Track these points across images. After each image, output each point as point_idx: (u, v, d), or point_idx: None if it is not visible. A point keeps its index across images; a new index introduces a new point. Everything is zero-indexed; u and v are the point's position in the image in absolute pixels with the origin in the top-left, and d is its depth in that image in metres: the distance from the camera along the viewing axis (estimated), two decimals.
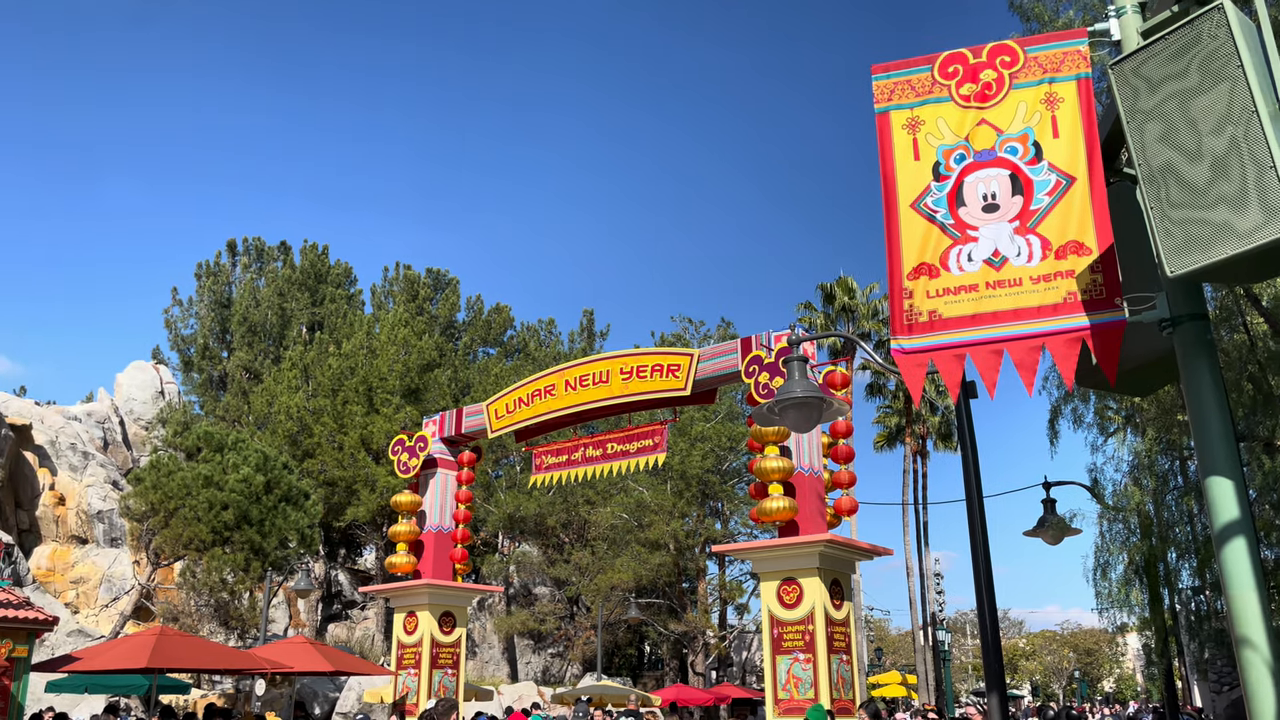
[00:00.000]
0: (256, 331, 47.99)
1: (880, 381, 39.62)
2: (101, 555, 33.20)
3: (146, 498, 26.83)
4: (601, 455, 15.31)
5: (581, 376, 15.31)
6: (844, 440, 13.24)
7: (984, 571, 7.50)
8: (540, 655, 42.75)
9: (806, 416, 6.03)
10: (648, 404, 15.13)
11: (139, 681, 18.21)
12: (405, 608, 16.38)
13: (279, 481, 28.14)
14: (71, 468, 35.92)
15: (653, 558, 34.67)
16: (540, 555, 41.17)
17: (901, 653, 71.25)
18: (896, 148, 5.04)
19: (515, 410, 16.03)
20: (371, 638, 38.46)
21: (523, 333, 54.66)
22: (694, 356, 14.25)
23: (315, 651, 16.80)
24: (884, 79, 5.13)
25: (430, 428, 17.12)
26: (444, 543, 16.60)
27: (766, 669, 12.70)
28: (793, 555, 12.55)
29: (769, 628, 12.70)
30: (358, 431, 36.80)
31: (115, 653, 14.94)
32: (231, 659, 15.86)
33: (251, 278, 51.59)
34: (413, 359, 39.45)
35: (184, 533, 26.22)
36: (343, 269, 53.87)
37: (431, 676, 15.76)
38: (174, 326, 50.20)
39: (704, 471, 35.13)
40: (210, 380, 47.98)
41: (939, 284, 4.83)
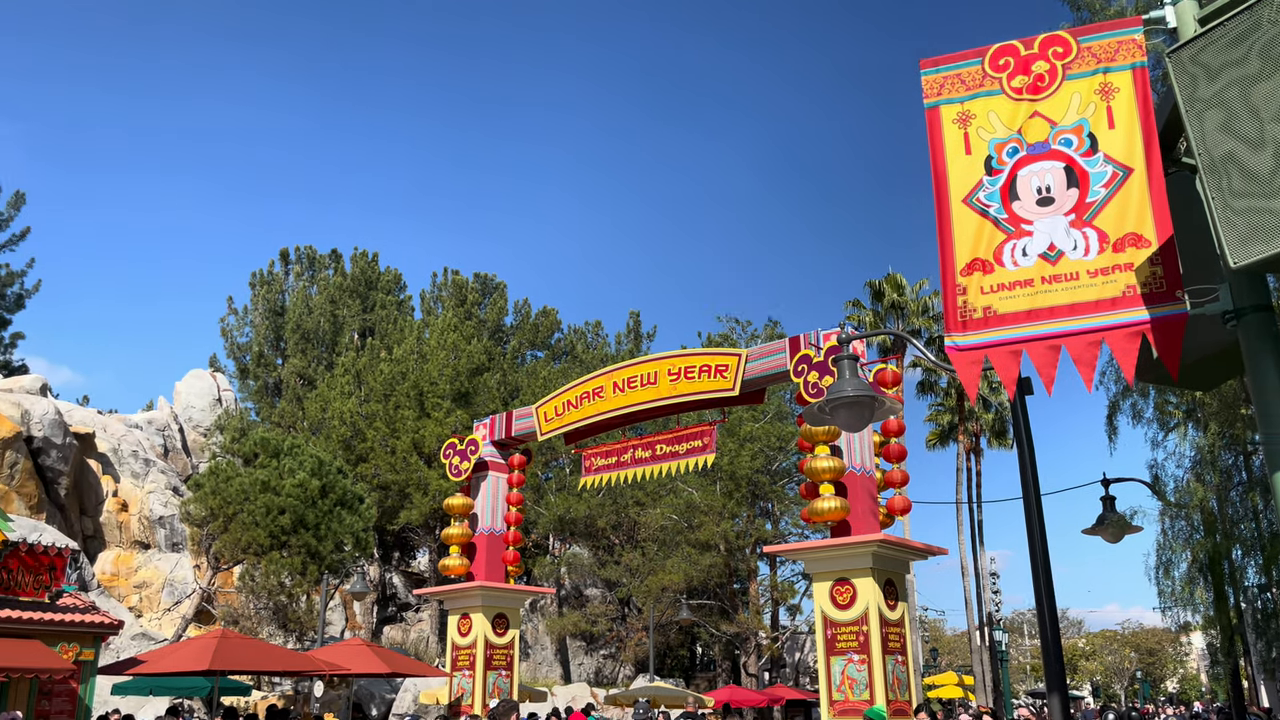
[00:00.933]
0: (309, 338, 48.77)
1: (932, 379, 39.13)
2: (163, 560, 33.95)
3: (206, 503, 27.39)
4: (651, 457, 15.32)
5: (630, 378, 15.34)
6: (896, 439, 13.11)
7: (1043, 571, 7.37)
8: (592, 657, 42.87)
9: (858, 415, 5.98)
10: (696, 405, 15.11)
11: (201, 683, 18.58)
12: (459, 610, 16.53)
13: (334, 486, 28.56)
14: (133, 475, 36.79)
15: (703, 559, 34.60)
16: (591, 557, 41.29)
17: (957, 653, 70.32)
18: (947, 142, 4.98)
19: (564, 413, 16.11)
20: (426, 639, 38.86)
21: (570, 335, 54.88)
22: (742, 357, 14.20)
23: (372, 653, 17.02)
24: (933, 74, 5.07)
25: (481, 431, 17.27)
26: (496, 545, 16.72)
27: (820, 670, 12.62)
28: (845, 555, 12.45)
29: (822, 629, 12.61)
30: (409, 435, 37.21)
31: (178, 655, 15.26)
32: (291, 661, 16.12)
33: (304, 286, 52.45)
34: (462, 363, 39.81)
35: (242, 537, 26.72)
36: (392, 275, 54.54)
37: (486, 678, 15.88)
38: (230, 335, 51.25)
39: (753, 472, 34.97)
40: (266, 387, 48.87)
41: (993, 279, 4.76)
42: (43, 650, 13.65)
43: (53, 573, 14.58)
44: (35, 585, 14.33)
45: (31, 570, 14.33)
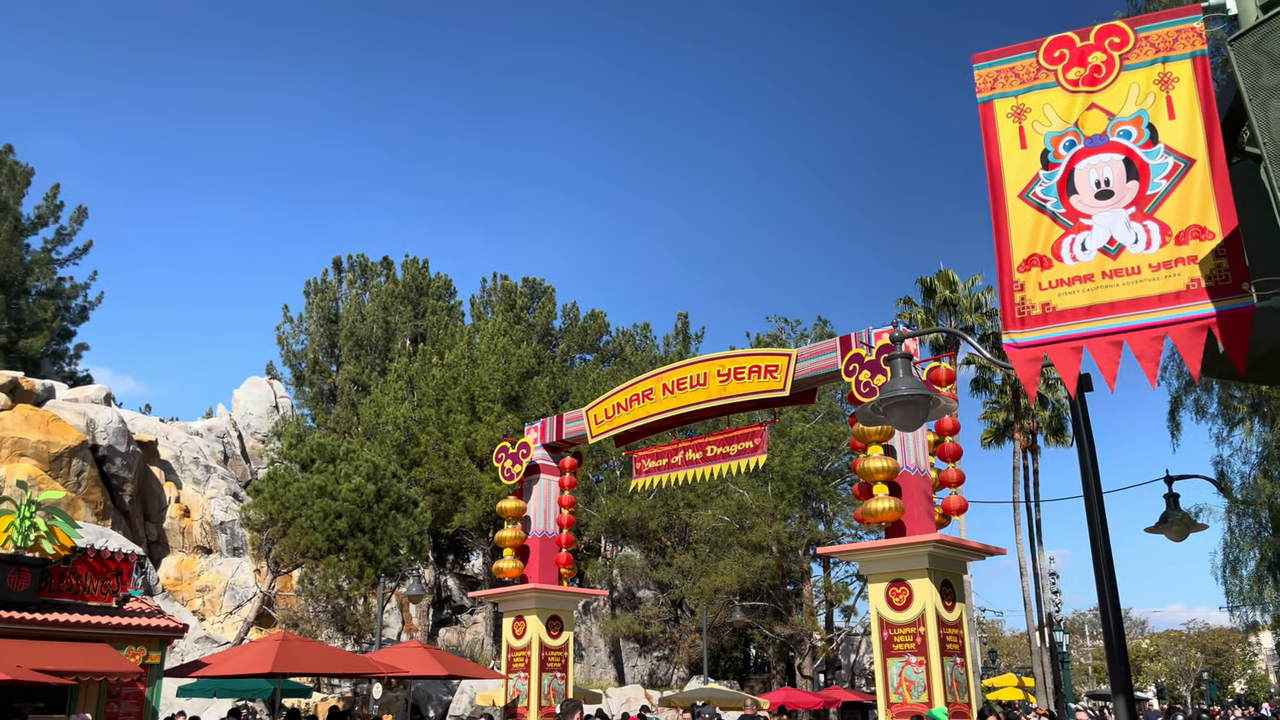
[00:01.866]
0: (363, 345, 49.49)
1: (986, 376, 38.55)
2: (225, 564, 34.65)
3: (265, 508, 27.91)
4: (701, 458, 15.30)
5: (679, 380, 15.33)
6: (950, 438, 12.94)
7: (1106, 570, 7.22)
8: (646, 658, 42.90)
9: (913, 415, 5.92)
10: (746, 405, 15.05)
11: (263, 685, 18.91)
12: (513, 612, 16.64)
13: (389, 490, 28.94)
14: (195, 481, 37.63)
15: (756, 560, 34.46)
16: (643, 559, 41.33)
17: (1017, 655, 69.16)
18: (1002, 137, 4.90)
19: (614, 415, 16.15)
20: (481, 642, 39.19)
21: (618, 338, 55.01)
22: (792, 356, 14.12)
23: (429, 655, 17.21)
24: (986, 68, 5.00)
25: (532, 434, 17.38)
26: (549, 547, 16.81)
27: (877, 672, 12.49)
28: (901, 556, 12.33)
29: (878, 630, 12.49)
30: (462, 439, 37.57)
31: (241, 658, 15.56)
32: (350, 663, 16.36)
33: (357, 293, 53.23)
34: (512, 367, 40.10)
35: (301, 541, 27.19)
36: (442, 281, 55.14)
37: (541, 680, 15.97)
38: (286, 343, 52.21)
39: (805, 472, 34.75)
40: (321, 393, 49.68)
41: (1051, 275, 4.68)
42: (111, 654, 14.01)
43: (119, 578, 14.96)
44: (103, 590, 14.71)
45: (99, 576, 14.72)
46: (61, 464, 31.03)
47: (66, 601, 14.23)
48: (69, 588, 14.32)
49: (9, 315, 44.13)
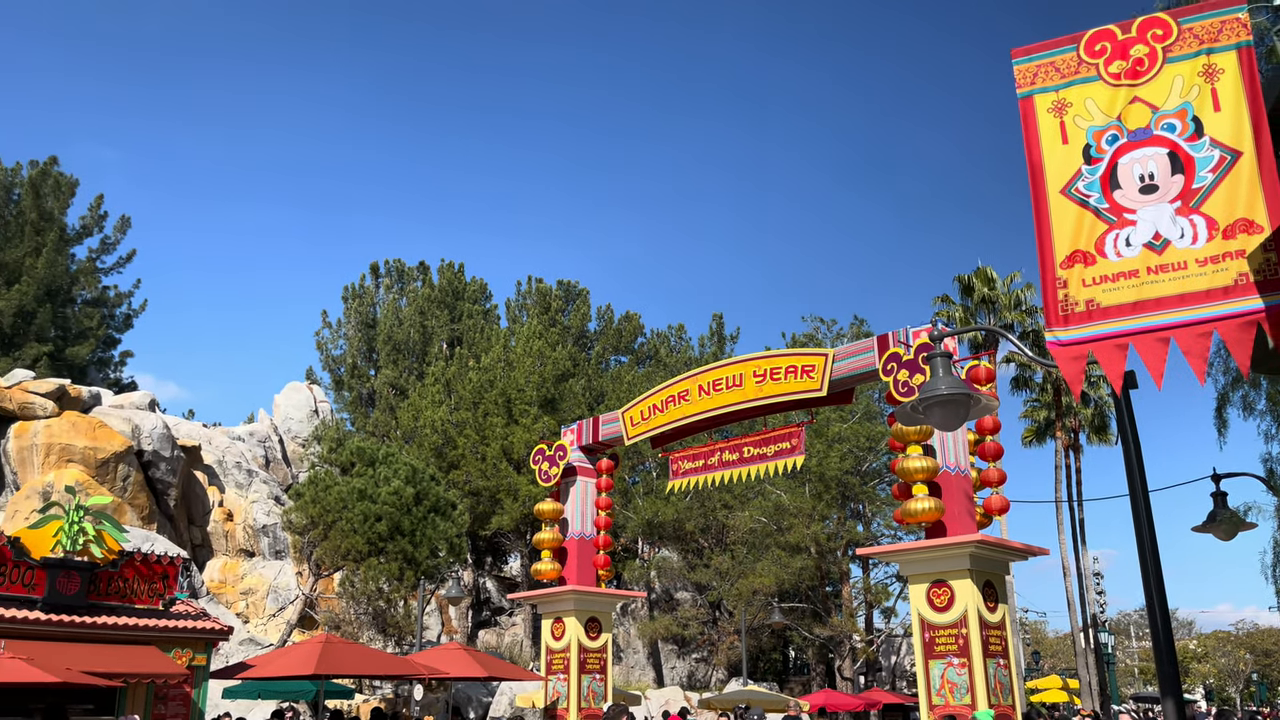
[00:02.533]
0: (400, 349, 49.93)
1: (1026, 374, 38.07)
2: (267, 567, 35.11)
3: (306, 511, 28.26)
4: (738, 459, 15.22)
5: (715, 381, 15.27)
6: (991, 437, 12.77)
7: (1153, 570, 7.10)
8: (685, 660, 42.85)
9: (953, 414, 5.86)
10: (783, 406, 14.96)
11: (307, 687, 19.14)
12: (552, 614, 16.68)
13: (427, 493, 29.17)
14: (237, 485, 38.17)
15: (794, 561, 34.28)
16: (680, 560, 41.29)
17: (1061, 656, 68.24)
18: (1043, 132, 4.84)
19: (650, 417, 16.12)
20: (520, 643, 39.36)
21: (653, 340, 55.03)
22: (828, 356, 14.01)
23: (469, 657, 17.30)
24: (1025, 62, 4.93)
25: (568, 436, 17.41)
26: (587, 549, 16.83)
27: (919, 674, 12.37)
28: (941, 557, 12.19)
29: (920, 632, 12.37)
30: (499, 442, 37.77)
31: (285, 660, 15.75)
32: (392, 665, 16.50)
33: (394, 298, 53.74)
34: (548, 370, 40.26)
35: (342, 544, 27.49)
36: (478, 285, 55.52)
37: (581, 681, 15.99)
38: (325, 348, 52.84)
39: (843, 473, 34.52)
40: (360, 398, 50.19)
41: (1095, 271, 4.61)
42: (158, 656, 14.24)
43: (165, 581, 15.20)
44: (150, 593, 14.96)
45: (146, 579, 14.97)
46: (108, 469, 31.62)
47: (114, 605, 14.48)
48: (117, 591, 14.57)
49: (56, 324, 45.04)
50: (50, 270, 44.60)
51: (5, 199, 45.65)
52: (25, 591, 13.51)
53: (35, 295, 43.76)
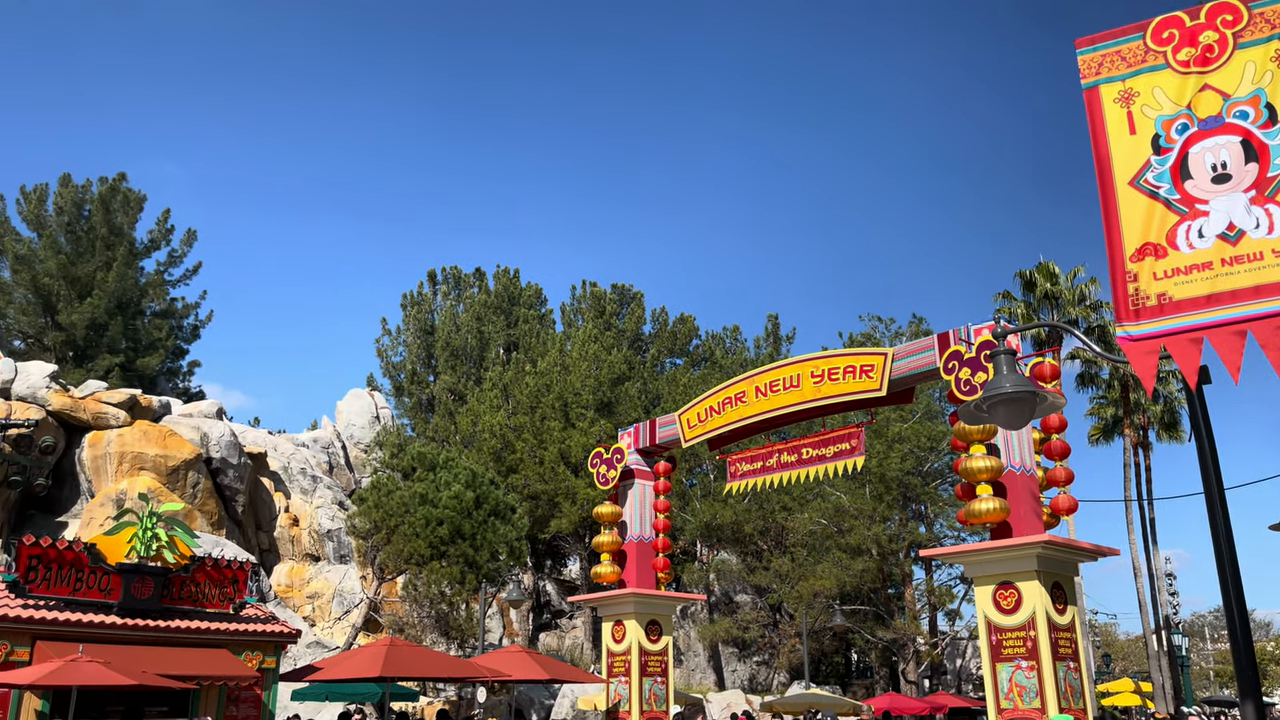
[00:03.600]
0: (458, 355, 50.51)
1: (1092, 371, 37.21)
2: (333, 571, 35.71)
3: (370, 516, 28.70)
4: (797, 461, 15.12)
5: (771, 382, 15.19)
6: (1057, 435, 12.55)
7: (1230, 570, 6.88)
8: (746, 663, 42.64)
9: (1018, 413, 5.77)
10: (841, 407, 14.83)
11: (373, 689, 19.41)
12: (612, 616, 16.73)
13: (487, 497, 29.44)
14: (302, 491, 38.90)
15: (855, 563, 33.92)
16: (739, 563, 41.10)
17: (1132, 659, 66.53)
18: (1109, 123, 4.72)
19: (707, 419, 16.10)
20: (580, 646, 39.51)
21: (708, 341, 54.89)
22: (887, 356, 13.87)
23: (531, 660, 17.41)
24: (1090, 52, 4.82)
25: (625, 440, 17.45)
26: (645, 552, 16.85)
27: (986, 677, 12.16)
28: (1008, 558, 11.99)
29: (986, 634, 12.17)
30: (556, 446, 37.99)
31: (351, 663, 15.99)
32: (456, 667, 16.67)
33: (451, 305, 54.40)
34: (604, 373, 40.39)
35: (404, 548, 27.86)
36: (533, 290, 55.95)
37: (642, 684, 16.01)
38: (385, 355, 53.69)
39: (904, 473, 34.07)
40: (419, 403, 50.88)
41: (1167, 264, 4.49)
42: (230, 658, 14.57)
43: (236, 585, 15.55)
44: (221, 598, 15.31)
45: (217, 584, 15.32)
46: (178, 477, 32.45)
47: (187, 609, 14.84)
48: (189, 595, 14.94)
49: (126, 336, 46.37)
50: (120, 283, 45.94)
51: (77, 215, 47.13)
52: (102, 596, 13.91)
53: (107, 308, 45.11)
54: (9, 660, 12.74)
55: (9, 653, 12.79)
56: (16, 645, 12.87)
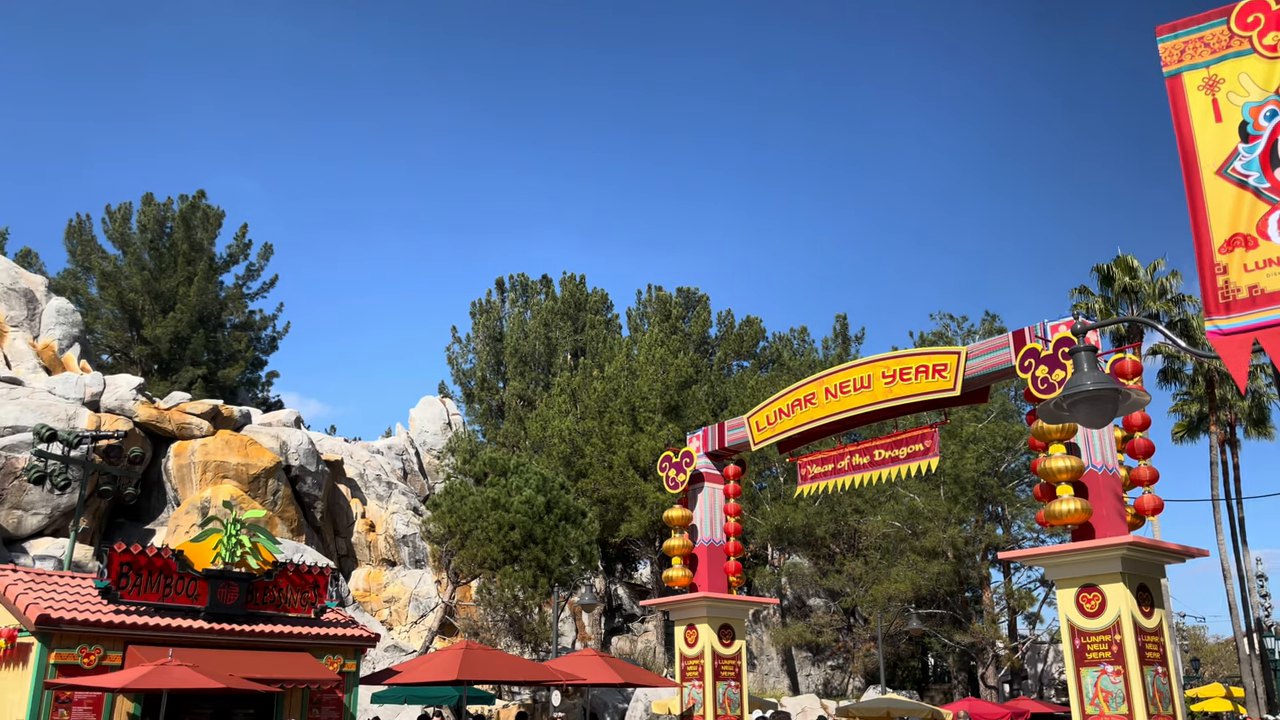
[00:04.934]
0: (527, 361, 51.03)
1: (1175, 366, 36.07)
2: (408, 576, 36.33)
3: (443, 521, 29.15)
4: (869, 463, 14.92)
5: (842, 383, 15.01)
6: (1140, 433, 12.17)
7: None
8: (820, 668, 42.23)
9: (1101, 411, 5.64)
10: (914, 407, 14.60)
11: (449, 693, 19.68)
12: (685, 620, 16.71)
13: (558, 501, 29.68)
14: (378, 497, 39.66)
15: (931, 566, 33.35)
16: (811, 566, 40.73)
17: (1222, 663, 64.25)
18: (1194, 111, 4.57)
19: (776, 421, 15.97)
20: (653, 650, 39.55)
21: (775, 343, 54.59)
22: (961, 354, 13.62)
23: (604, 664, 17.48)
24: (1171, 39, 4.67)
25: (694, 443, 17.42)
26: (717, 556, 16.80)
27: (1070, 682, 11.86)
28: (1091, 560, 11.68)
29: (1069, 638, 11.87)
30: (625, 450, 38.12)
31: (429, 666, 16.24)
32: (531, 671, 16.81)
33: (519, 311, 55.01)
34: (671, 377, 40.42)
35: (478, 552, 28.23)
36: (599, 296, 56.28)
37: (715, 688, 15.96)
38: (455, 362, 54.54)
39: (980, 474, 33.41)
40: (490, 409, 51.53)
41: (1258, 255, 4.33)
42: (312, 662, 14.91)
43: (316, 590, 15.90)
44: (302, 602, 15.67)
45: (298, 589, 15.70)
46: (259, 484, 33.34)
47: (270, 613, 15.22)
48: (272, 600, 15.32)
49: (208, 348, 47.84)
50: (201, 297, 47.43)
51: (159, 233, 48.80)
52: (189, 602, 14.35)
53: (189, 321, 46.60)
54: (102, 664, 13.21)
55: (102, 657, 13.26)
56: (110, 650, 13.34)
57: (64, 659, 12.95)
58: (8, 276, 38.93)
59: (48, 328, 38.83)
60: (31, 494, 29.65)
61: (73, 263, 48.64)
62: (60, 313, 39.33)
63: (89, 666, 13.09)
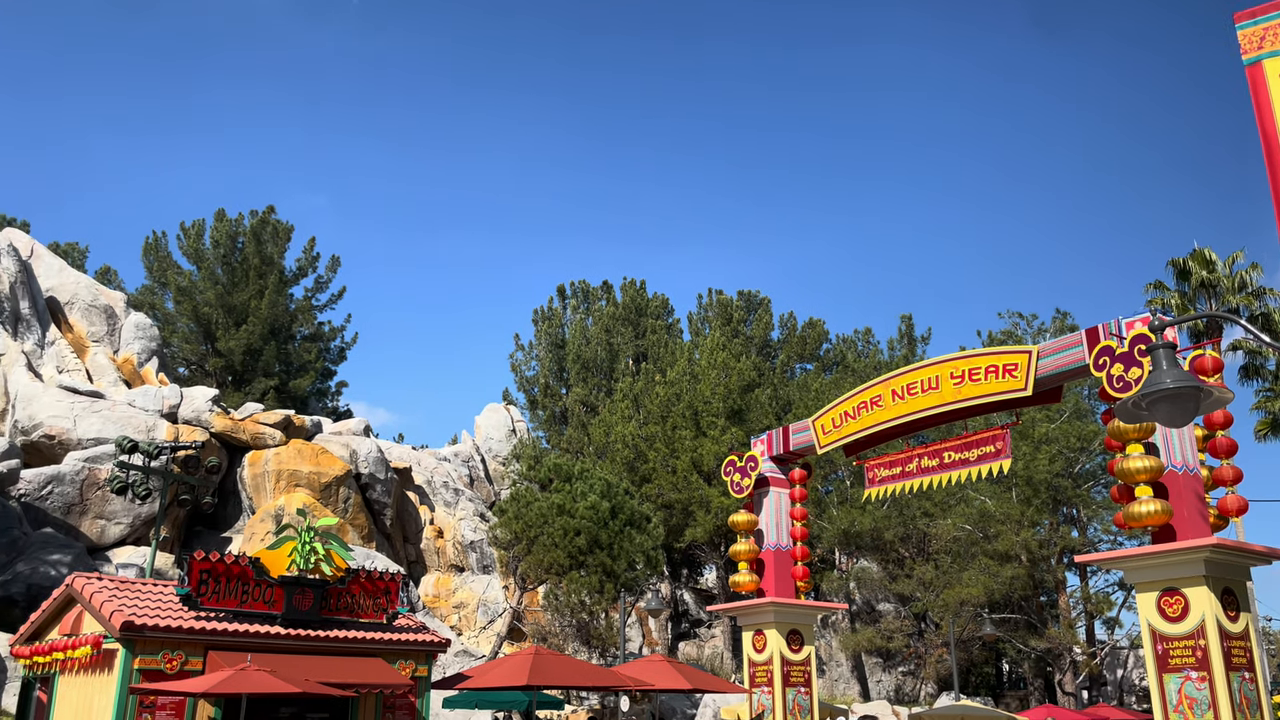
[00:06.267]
0: (589, 367, 51.29)
1: (1258, 362, 34.83)
2: (476, 581, 36.74)
3: (510, 527, 29.41)
4: (938, 465, 14.69)
5: (909, 384, 14.81)
6: (1222, 432, 11.80)
7: None
8: (891, 674, 41.63)
9: (1181, 409, 5.48)
10: (984, 408, 14.33)
11: (519, 698, 19.85)
12: (752, 626, 16.61)
13: (622, 507, 29.75)
14: (445, 504, 40.18)
15: (1003, 570, 32.66)
16: (880, 571, 40.19)
17: None
18: (1275, 100, 4.41)
19: (842, 424, 15.81)
20: (720, 655, 39.38)
21: (839, 345, 54.08)
22: (1032, 354, 13.35)
23: (673, 669, 17.46)
24: (1250, 26, 4.52)
25: (758, 447, 17.32)
26: (783, 561, 16.68)
27: (1153, 689, 11.52)
28: (1172, 563, 11.34)
29: (1151, 644, 11.53)
30: (688, 455, 38.07)
31: (499, 671, 16.39)
32: (599, 676, 16.86)
33: (580, 318, 55.34)
34: (733, 381, 40.28)
35: (544, 558, 28.43)
36: (660, 301, 56.35)
37: (785, 694, 15.83)
38: (519, 369, 55.06)
39: (1053, 476, 32.64)
40: (553, 416, 51.89)
41: None
42: (385, 667, 15.15)
43: (388, 596, 16.16)
44: (375, 608, 15.94)
45: (371, 595, 15.96)
46: (330, 492, 34.02)
47: (344, 619, 15.50)
48: (345, 606, 15.60)
49: (279, 359, 49.00)
50: (273, 310, 48.62)
51: (231, 248, 50.16)
52: (266, 608, 14.68)
53: (261, 334, 47.80)
54: (184, 669, 13.58)
55: (184, 662, 13.64)
56: (191, 655, 13.72)
57: (147, 664, 13.33)
58: (89, 294, 40.37)
59: (127, 342, 40.14)
60: (114, 504, 30.65)
61: (150, 278, 50.26)
62: (139, 327, 40.65)
63: (171, 672, 13.46)
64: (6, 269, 36.77)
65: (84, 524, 30.42)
